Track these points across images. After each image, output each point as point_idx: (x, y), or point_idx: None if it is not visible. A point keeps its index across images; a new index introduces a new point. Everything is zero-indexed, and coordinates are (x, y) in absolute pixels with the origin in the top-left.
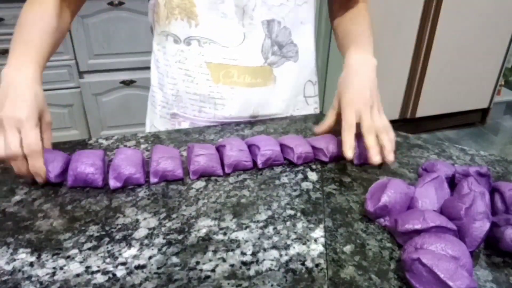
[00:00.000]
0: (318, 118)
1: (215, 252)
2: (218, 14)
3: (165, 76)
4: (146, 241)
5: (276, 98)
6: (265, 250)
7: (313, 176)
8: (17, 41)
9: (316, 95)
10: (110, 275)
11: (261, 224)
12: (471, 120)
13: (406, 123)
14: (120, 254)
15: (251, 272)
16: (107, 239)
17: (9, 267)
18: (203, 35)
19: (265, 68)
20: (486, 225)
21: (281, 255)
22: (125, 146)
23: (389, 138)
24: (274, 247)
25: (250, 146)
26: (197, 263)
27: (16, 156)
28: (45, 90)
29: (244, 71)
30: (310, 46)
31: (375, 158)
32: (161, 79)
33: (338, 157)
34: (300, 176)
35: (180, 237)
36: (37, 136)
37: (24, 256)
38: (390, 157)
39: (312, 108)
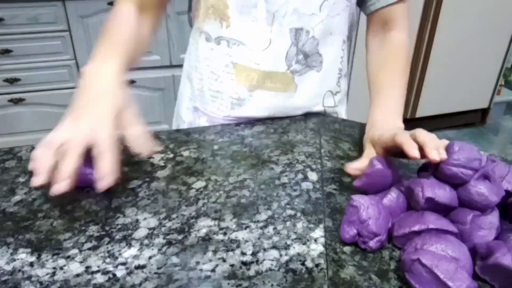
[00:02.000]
0: (319, 118)
1: (215, 252)
2: (249, 18)
3: (194, 71)
4: (146, 241)
5: (294, 105)
6: (265, 250)
7: (313, 176)
8: (100, 43)
9: (337, 106)
10: (110, 275)
11: (261, 224)
12: (471, 120)
13: (406, 123)
14: (120, 254)
15: (251, 272)
16: (107, 239)
17: (9, 267)
18: (232, 36)
19: (287, 75)
20: (492, 236)
21: (281, 255)
22: (125, 145)
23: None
24: (274, 247)
25: None
26: (197, 263)
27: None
28: (44, 90)
29: (264, 76)
30: (336, 57)
31: (412, 151)
32: (190, 72)
33: None
34: (300, 176)
35: (180, 237)
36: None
37: (24, 256)
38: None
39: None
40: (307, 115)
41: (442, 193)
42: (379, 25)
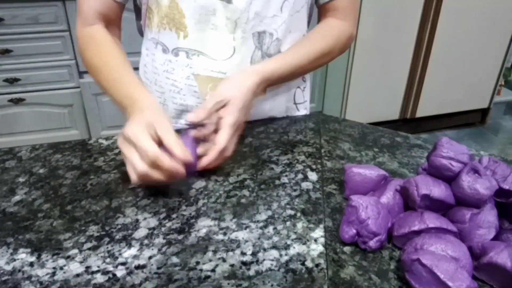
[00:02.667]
0: (317, 118)
1: (215, 252)
2: (208, 26)
3: (153, 84)
4: (146, 241)
5: (265, 107)
6: (265, 250)
7: (313, 176)
8: (113, 88)
9: (306, 101)
10: (110, 275)
11: (261, 224)
12: (471, 120)
13: (406, 123)
14: (120, 254)
15: (251, 272)
16: (107, 239)
17: (9, 267)
18: (191, 47)
19: None
20: (491, 235)
21: (281, 255)
22: None
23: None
24: (274, 247)
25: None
26: (197, 263)
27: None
28: (45, 90)
29: None
30: None
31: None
32: (148, 85)
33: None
34: (300, 176)
35: (180, 237)
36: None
37: (24, 256)
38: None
39: (302, 114)
40: (307, 115)
41: (437, 190)
42: (327, 16)
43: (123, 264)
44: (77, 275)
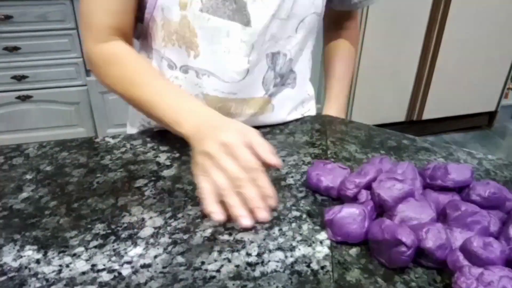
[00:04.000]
0: (324, 119)
1: (220, 252)
2: (221, 48)
3: None
4: (151, 240)
5: (272, 122)
6: (270, 251)
7: None
8: (161, 104)
9: (309, 109)
10: (116, 274)
11: (266, 225)
12: (478, 123)
13: (412, 125)
14: (125, 252)
15: (256, 273)
16: (113, 237)
17: (15, 264)
18: (202, 67)
19: (265, 99)
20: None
21: (286, 257)
22: (131, 144)
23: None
24: (280, 248)
25: None
26: (202, 263)
27: (240, 181)
28: (52, 87)
29: (242, 103)
30: (306, 69)
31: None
32: None
33: None
34: (306, 177)
35: (185, 237)
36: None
37: (30, 253)
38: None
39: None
40: (313, 117)
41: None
42: (336, 21)
43: (128, 262)
44: (83, 273)
